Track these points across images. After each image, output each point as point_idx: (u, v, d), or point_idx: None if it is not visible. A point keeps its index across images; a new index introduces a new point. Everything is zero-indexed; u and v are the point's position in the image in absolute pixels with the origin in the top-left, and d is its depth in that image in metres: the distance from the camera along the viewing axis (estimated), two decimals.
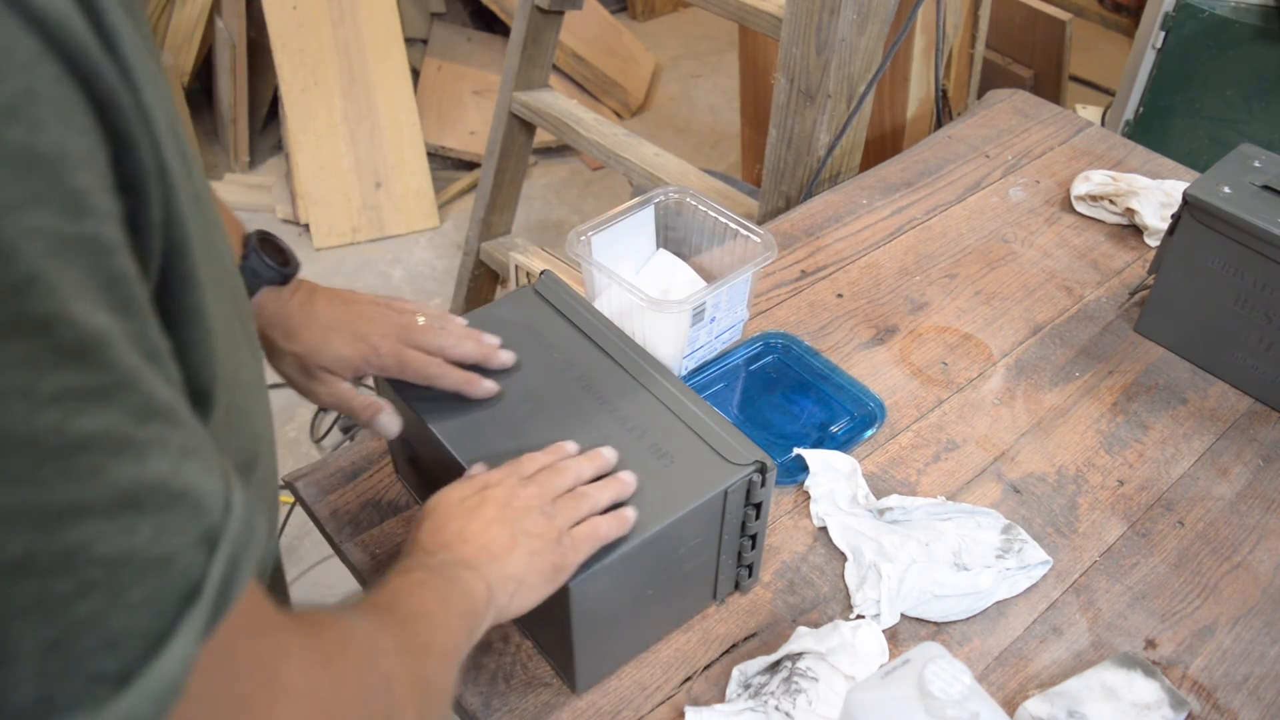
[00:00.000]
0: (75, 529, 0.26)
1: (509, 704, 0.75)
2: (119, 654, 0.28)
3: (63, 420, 0.26)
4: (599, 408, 0.77)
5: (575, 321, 0.85)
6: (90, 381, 0.27)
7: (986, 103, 1.52)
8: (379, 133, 2.49)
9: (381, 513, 0.89)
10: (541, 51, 1.79)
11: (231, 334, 0.41)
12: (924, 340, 1.09)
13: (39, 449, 0.25)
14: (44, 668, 0.26)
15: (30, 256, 0.25)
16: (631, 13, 3.49)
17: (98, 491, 0.27)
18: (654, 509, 0.70)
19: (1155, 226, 1.22)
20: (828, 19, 1.28)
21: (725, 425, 0.76)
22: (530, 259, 1.85)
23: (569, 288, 0.88)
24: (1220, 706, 0.78)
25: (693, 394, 0.79)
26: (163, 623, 0.29)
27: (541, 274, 0.89)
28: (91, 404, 0.27)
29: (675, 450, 0.74)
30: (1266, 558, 0.89)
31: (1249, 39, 1.73)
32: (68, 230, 0.26)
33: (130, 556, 0.28)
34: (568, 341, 0.83)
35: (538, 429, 0.76)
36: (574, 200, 2.68)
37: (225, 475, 0.32)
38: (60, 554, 0.26)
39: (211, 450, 0.32)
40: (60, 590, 0.26)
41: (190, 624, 0.29)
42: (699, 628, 0.81)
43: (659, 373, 0.80)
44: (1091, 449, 0.98)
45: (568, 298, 0.87)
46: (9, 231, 0.25)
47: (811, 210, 1.27)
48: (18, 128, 0.25)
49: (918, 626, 0.82)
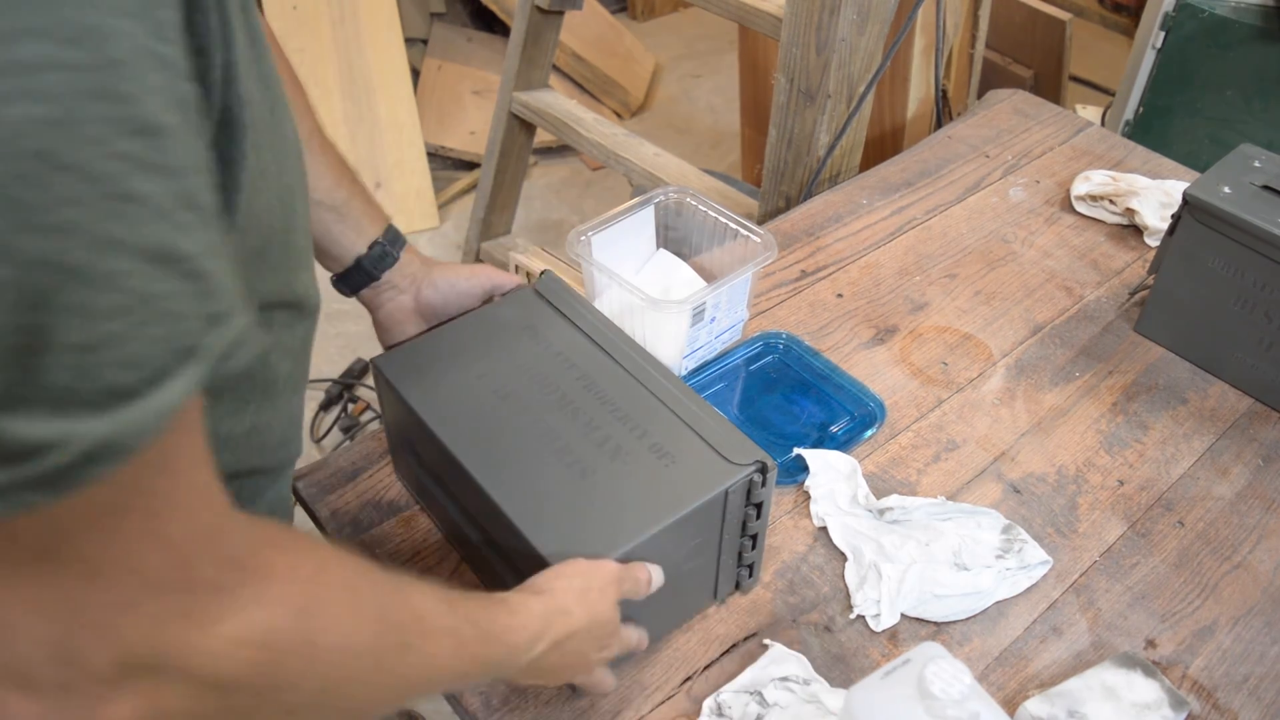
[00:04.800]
0: (117, 259, 0.33)
1: (509, 704, 0.75)
2: (131, 373, 0.34)
3: (124, 173, 0.32)
4: (600, 407, 0.77)
5: (575, 321, 0.85)
6: (150, 156, 0.33)
7: (986, 103, 1.52)
8: (379, 133, 2.49)
9: (381, 513, 0.89)
10: (541, 51, 1.79)
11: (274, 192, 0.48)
12: (924, 340, 1.09)
13: (102, 187, 0.32)
14: (77, 362, 0.32)
15: (125, 47, 0.32)
16: (631, 13, 3.49)
17: (139, 238, 0.33)
18: (654, 509, 0.70)
19: (1155, 226, 1.22)
20: (828, 19, 1.28)
21: (725, 425, 0.76)
22: (530, 259, 1.85)
23: (569, 287, 0.88)
24: (1220, 706, 0.78)
25: (693, 394, 0.79)
26: (168, 362, 0.35)
27: (542, 274, 0.89)
28: (148, 172, 0.33)
29: (676, 450, 0.74)
30: (1266, 558, 0.89)
31: (1249, 39, 1.73)
32: (154, 46, 0.33)
33: (152, 299, 0.34)
34: (568, 341, 0.83)
35: (538, 430, 0.76)
36: (574, 200, 2.68)
37: (234, 293, 0.38)
38: (103, 274, 0.32)
39: (232, 268, 0.38)
40: (98, 303, 0.32)
41: (188, 370, 0.35)
42: (699, 628, 0.81)
43: (659, 372, 0.80)
44: (1091, 449, 0.98)
45: (568, 297, 0.87)
46: (112, 24, 0.31)
47: (811, 210, 1.27)
48: None
49: (918, 626, 0.82)
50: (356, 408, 2.04)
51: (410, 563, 0.84)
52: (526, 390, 0.79)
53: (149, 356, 0.34)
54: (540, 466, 0.74)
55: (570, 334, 0.84)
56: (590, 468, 0.73)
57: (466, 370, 0.81)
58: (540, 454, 0.74)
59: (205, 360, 0.36)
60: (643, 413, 0.77)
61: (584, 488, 0.72)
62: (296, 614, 0.44)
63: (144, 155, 0.33)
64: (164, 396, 0.35)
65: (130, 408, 0.34)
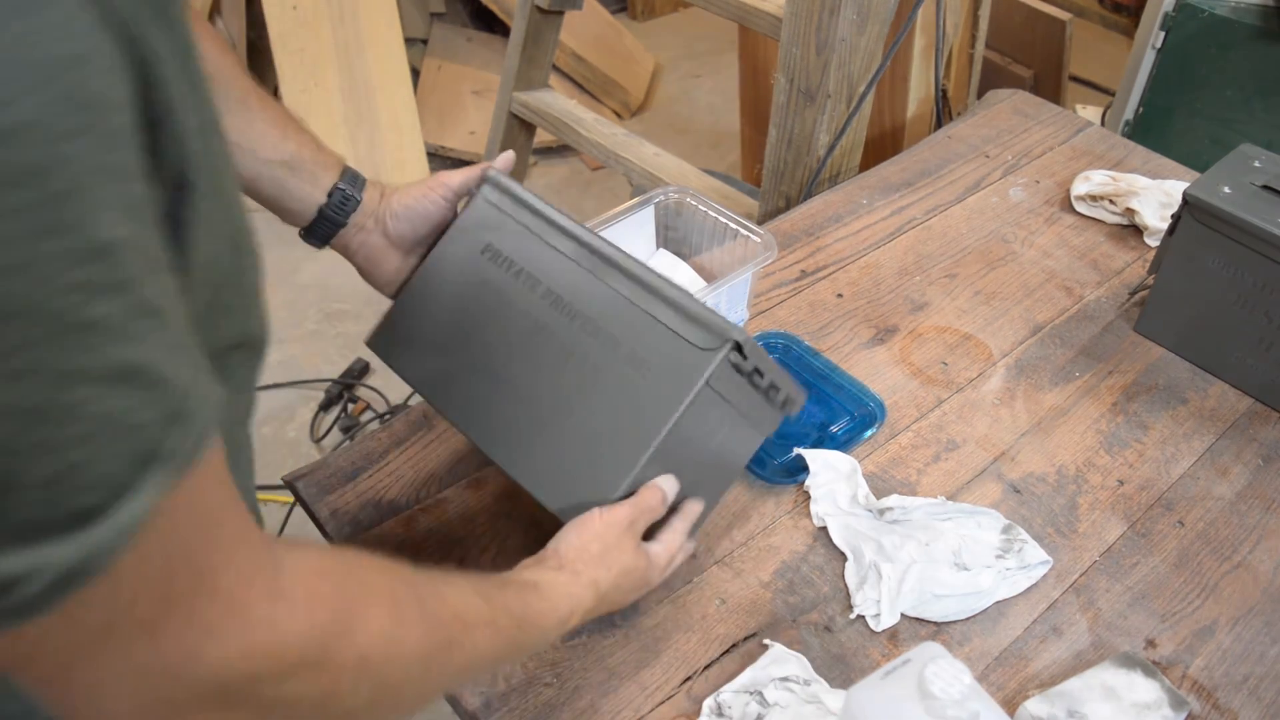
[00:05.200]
0: (78, 389, 0.33)
1: (509, 704, 0.75)
2: (96, 494, 0.34)
3: (80, 303, 0.32)
4: (570, 325, 0.77)
5: (529, 226, 0.82)
6: (105, 277, 0.33)
7: (986, 103, 1.52)
8: (379, 133, 2.49)
9: (381, 513, 0.89)
10: (541, 51, 1.79)
11: (225, 236, 0.48)
12: (924, 340, 1.09)
13: (60, 323, 0.32)
14: (42, 497, 0.33)
15: (70, 173, 0.32)
16: (631, 13, 3.49)
17: (99, 363, 0.33)
18: (643, 430, 0.72)
19: (1155, 226, 1.22)
20: (828, 19, 1.28)
21: (691, 306, 0.74)
22: None
23: (513, 187, 0.84)
24: (1220, 706, 0.78)
25: (651, 273, 0.77)
26: (132, 475, 0.35)
27: (486, 178, 0.85)
28: (103, 294, 0.33)
29: (648, 354, 0.74)
30: (1266, 558, 0.89)
31: (1249, 39, 1.73)
32: (103, 159, 0.33)
33: (113, 418, 0.34)
34: (527, 254, 0.81)
35: (524, 375, 0.77)
36: (574, 200, 2.68)
37: (197, 370, 0.39)
38: (66, 407, 0.33)
39: (189, 350, 0.38)
40: (62, 436, 0.33)
41: (152, 478, 0.36)
42: (699, 627, 0.81)
43: (615, 259, 0.78)
44: (1091, 449, 0.98)
45: (516, 200, 0.83)
46: (57, 154, 0.31)
47: (811, 210, 1.27)
48: (76, 74, 0.32)
49: (918, 626, 0.82)
50: (356, 408, 2.04)
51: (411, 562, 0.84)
52: (503, 333, 0.79)
53: (112, 474, 0.35)
54: (532, 417, 0.76)
55: (527, 244, 0.81)
56: (574, 404, 0.75)
57: (448, 331, 0.82)
58: (530, 401, 0.77)
59: (170, 461, 0.36)
60: (611, 319, 0.76)
61: (573, 428, 0.74)
62: (345, 633, 0.46)
63: (98, 278, 0.33)
64: (131, 508, 0.35)
65: (97, 527, 0.34)
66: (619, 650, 0.79)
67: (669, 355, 0.73)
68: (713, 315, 0.73)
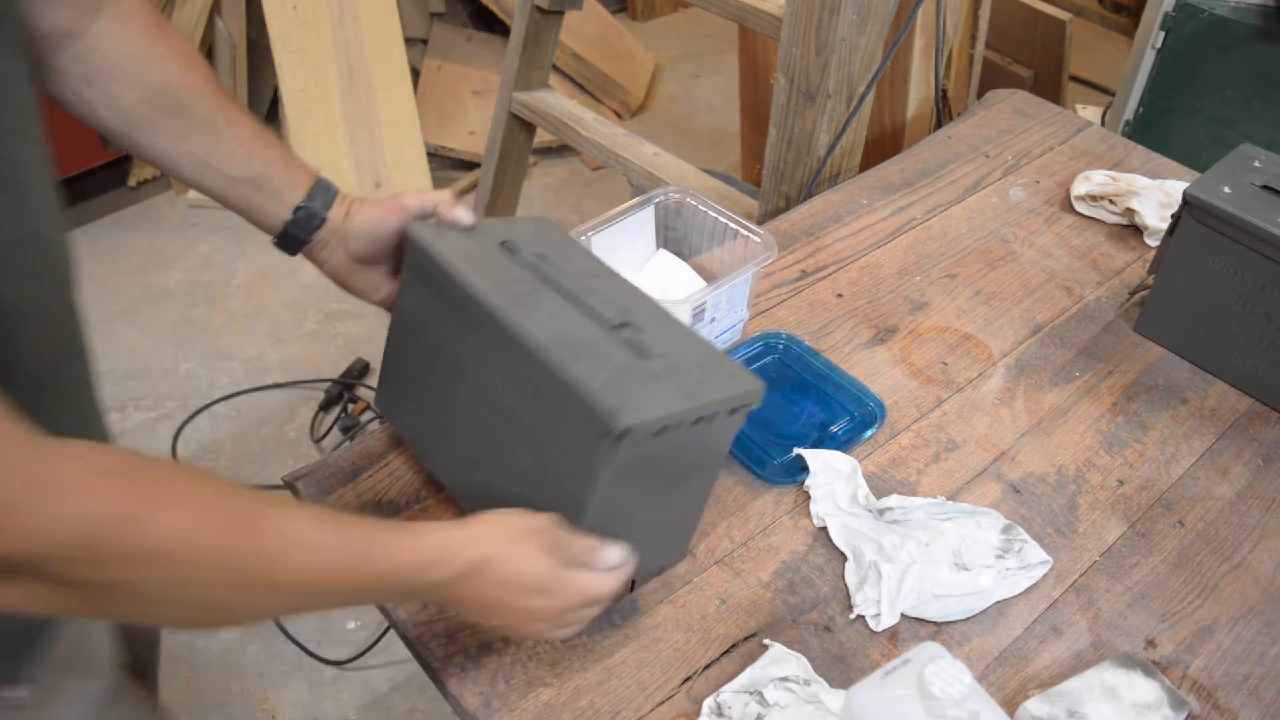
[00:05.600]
0: None
1: (509, 704, 0.75)
2: None
3: None
4: (492, 398, 0.74)
5: (441, 291, 0.76)
6: None
7: (986, 103, 1.52)
8: (379, 133, 2.49)
9: (381, 513, 0.89)
10: (541, 51, 1.79)
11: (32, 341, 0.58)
12: (924, 340, 1.09)
13: None
14: None
15: None
16: (631, 13, 3.49)
17: None
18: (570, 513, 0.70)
19: (1155, 226, 1.22)
20: (828, 19, 1.28)
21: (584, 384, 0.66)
22: None
23: (427, 246, 0.77)
24: (1220, 706, 0.78)
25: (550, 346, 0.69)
26: None
27: (406, 235, 0.80)
28: None
29: (547, 440, 0.70)
30: (1266, 558, 0.89)
31: (1249, 39, 1.73)
32: None
33: None
34: (447, 318, 0.77)
35: (472, 429, 0.77)
36: (574, 200, 2.68)
37: None
38: None
39: None
40: None
41: None
42: (699, 627, 0.81)
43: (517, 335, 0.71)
44: (1091, 449, 0.98)
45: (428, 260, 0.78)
46: None
47: (811, 210, 1.28)
48: None
49: (918, 626, 0.82)
50: (356, 408, 2.04)
51: None
52: (456, 396, 0.79)
53: None
54: (489, 481, 0.77)
55: (443, 309, 0.77)
56: (517, 478, 0.74)
57: (418, 390, 0.83)
58: (485, 467, 0.77)
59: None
60: (516, 397, 0.72)
61: (521, 498, 0.71)
62: (133, 527, 0.50)
63: None
64: None
65: None
66: (619, 650, 0.79)
67: (566, 443, 0.69)
68: (602, 396, 0.65)
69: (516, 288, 0.75)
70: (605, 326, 0.73)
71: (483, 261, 0.77)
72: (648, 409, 0.66)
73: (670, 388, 0.69)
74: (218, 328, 2.20)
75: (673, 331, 0.76)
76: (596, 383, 0.66)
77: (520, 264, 0.78)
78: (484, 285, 0.74)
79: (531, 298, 0.74)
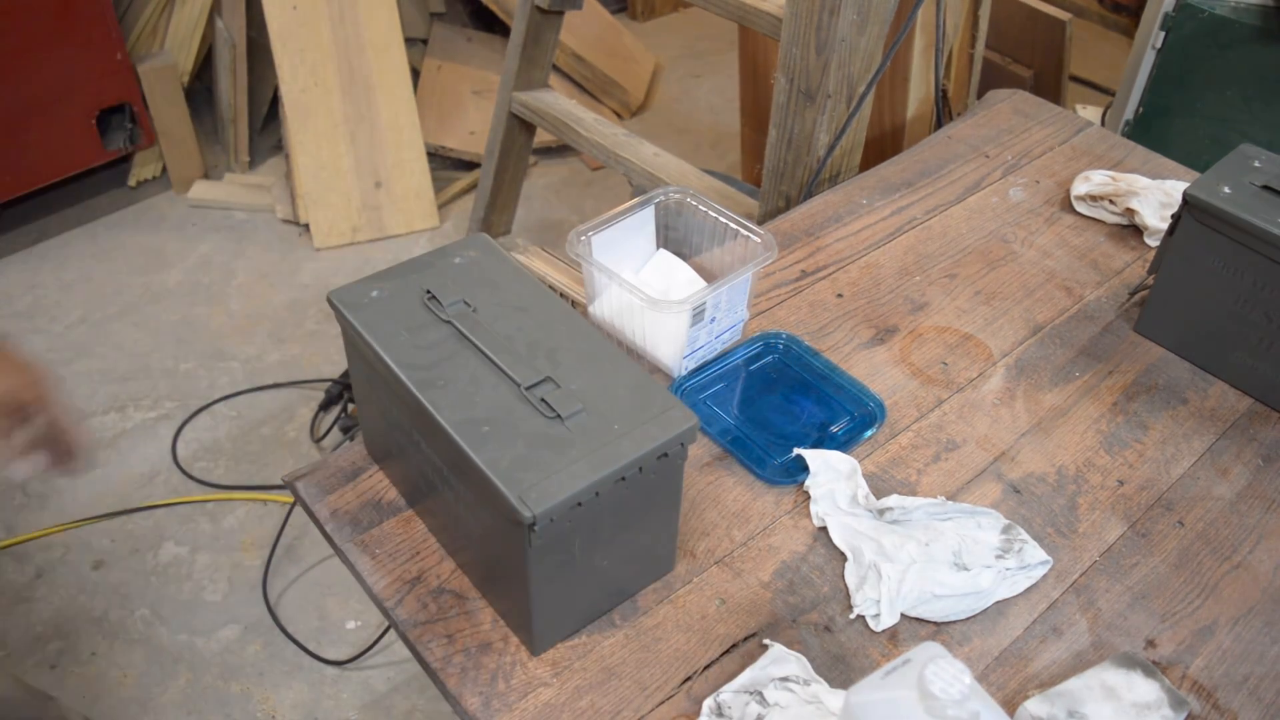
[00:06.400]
0: None
1: (509, 704, 0.75)
2: None
3: None
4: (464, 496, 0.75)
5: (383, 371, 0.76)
6: None
7: (986, 103, 1.52)
8: (379, 133, 2.49)
9: (381, 513, 0.89)
10: (541, 51, 1.79)
11: None
12: (924, 340, 1.09)
13: None
14: None
15: None
16: (631, 13, 3.49)
17: None
18: None
19: (1155, 226, 1.22)
20: (828, 19, 1.28)
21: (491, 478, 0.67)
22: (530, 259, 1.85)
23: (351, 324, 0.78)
24: (1220, 706, 0.78)
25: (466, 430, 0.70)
26: None
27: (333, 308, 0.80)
28: None
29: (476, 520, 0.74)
30: (1266, 558, 0.89)
31: (1249, 39, 1.73)
32: None
33: None
34: (396, 405, 0.78)
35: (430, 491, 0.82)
36: (574, 200, 2.68)
37: None
38: None
39: None
40: None
41: None
42: (699, 627, 0.81)
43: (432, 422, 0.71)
44: (1091, 449, 0.98)
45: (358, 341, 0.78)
46: None
47: (811, 210, 1.28)
48: None
49: (918, 626, 0.82)
50: (356, 408, 2.04)
51: (410, 562, 0.84)
52: (425, 481, 0.82)
53: None
54: (454, 534, 0.82)
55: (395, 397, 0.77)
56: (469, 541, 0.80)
57: (387, 439, 0.87)
58: (448, 526, 0.82)
59: None
60: (465, 485, 0.74)
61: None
62: None
63: None
64: None
65: None
66: (619, 650, 0.79)
67: (496, 519, 0.70)
68: (508, 484, 0.66)
69: (433, 355, 0.75)
70: (519, 390, 0.73)
71: (402, 327, 0.78)
72: (557, 489, 0.66)
73: (583, 457, 0.68)
74: (217, 328, 2.20)
75: (600, 368, 0.75)
76: (504, 465, 0.67)
77: (442, 320, 0.78)
78: (399, 359, 0.75)
79: (448, 366, 0.74)
